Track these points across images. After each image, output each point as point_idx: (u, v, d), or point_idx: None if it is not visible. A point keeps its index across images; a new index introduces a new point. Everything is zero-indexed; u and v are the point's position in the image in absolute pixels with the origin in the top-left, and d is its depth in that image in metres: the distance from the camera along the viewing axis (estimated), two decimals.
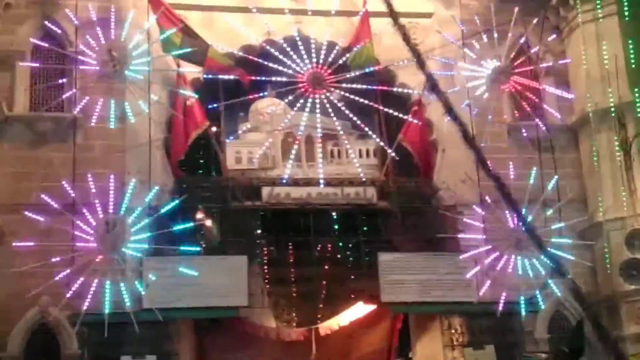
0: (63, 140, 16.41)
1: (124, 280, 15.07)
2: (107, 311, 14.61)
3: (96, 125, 16.30)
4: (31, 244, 14.75)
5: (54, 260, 14.69)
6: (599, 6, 17.84)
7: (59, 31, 16.86)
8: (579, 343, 13.10)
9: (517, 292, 16.24)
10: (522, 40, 18.12)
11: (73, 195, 15.21)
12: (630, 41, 17.61)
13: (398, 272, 16.65)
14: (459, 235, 16.89)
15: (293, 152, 17.26)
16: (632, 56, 17.46)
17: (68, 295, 14.66)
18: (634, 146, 16.64)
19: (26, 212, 15.05)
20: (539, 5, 18.57)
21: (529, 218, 16.34)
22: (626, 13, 17.55)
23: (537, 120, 17.73)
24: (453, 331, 17.11)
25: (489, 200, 16.22)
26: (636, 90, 17.19)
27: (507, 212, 16.31)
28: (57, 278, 14.67)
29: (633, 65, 17.32)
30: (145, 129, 16.46)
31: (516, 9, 17.81)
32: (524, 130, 17.81)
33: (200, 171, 17.41)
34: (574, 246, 16.89)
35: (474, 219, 16.85)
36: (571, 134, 18.56)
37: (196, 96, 16.89)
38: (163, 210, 15.64)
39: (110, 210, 15.26)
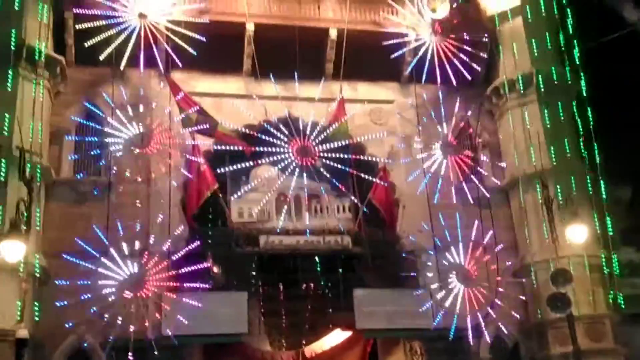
0: (99, 199, 15.54)
1: (147, 312, 14.40)
2: (132, 338, 13.74)
3: (126, 187, 15.65)
4: (70, 282, 14.00)
5: (89, 295, 13.98)
6: (523, 95, 17.67)
7: (98, 111, 16.26)
8: None
9: (465, 320, 15.69)
10: (464, 121, 17.70)
11: (106, 242, 14.46)
12: (548, 122, 17.38)
13: (369, 305, 15.98)
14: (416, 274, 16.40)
15: (285, 208, 16.79)
16: (551, 131, 17.26)
17: (101, 324, 13.95)
18: (554, 203, 16.00)
19: (67, 257, 14.32)
20: (476, 95, 18.30)
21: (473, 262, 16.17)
22: (544, 101, 17.50)
23: (477, 183, 17.17)
24: (414, 353, 16.75)
25: (440, 246, 16.02)
26: (554, 159, 16.92)
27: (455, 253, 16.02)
28: (91, 310, 13.95)
29: (551, 141, 17.12)
30: (166, 189, 15.74)
31: (458, 98, 17.55)
32: (467, 191, 17.10)
33: (210, 223, 16.55)
34: (508, 283, 16.48)
35: (428, 260, 16.37)
36: (504, 194, 18.04)
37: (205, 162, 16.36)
38: (179, 255, 15.05)
39: (136, 255, 14.54)
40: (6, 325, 12.81)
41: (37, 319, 13.75)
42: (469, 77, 17.85)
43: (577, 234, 15.30)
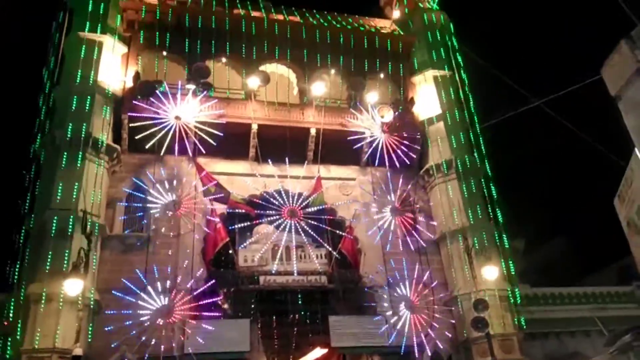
0: (141, 249, 14.95)
1: (173, 335, 13.80)
2: (162, 354, 13.22)
3: (161, 240, 15.17)
4: (116, 312, 13.55)
5: (130, 321, 13.43)
6: (446, 175, 17.87)
7: (143, 185, 15.93)
8: None
9: (411, 339, 15.21)
10: (406, 192, 17.73)
11: (145, 282, 13.99)
12: (465, 193, 17.51)
13: (341, 328, 15.26)
14: (375, 304, 15.89)
15: (278, 255, 16.24)
16: (467, 200, 17.34)
17: (138, 344, 13.28)
18: (472, 251, 15.91)
19: (115, 292, 13.76)
20: (413, 174, 18.34)
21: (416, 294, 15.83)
22: (461, 179, 17.68)
23: (417, 236, 17.06)
24: None
25: (392, 282, 15.89)
26: (471, 219, 16.93)
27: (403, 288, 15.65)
28: (131, 333, 13.37)
29: (467, 207, 17.19)
30: (190, 242, 15.34)
31: (401, 176, 17.70)
32: (410, 243, 16.95)
33: (222, 267, 15.79)
34: (442, 310, 16.10)
35: (383, 294, 15.99)
36: (436, 245, 17.61)
37: (220, 222, 15.91)
38: (198, 291, 14.54)
39: (167, 291, 14.03)
40: (66, 345, 12.12)
41: (89, 340, 13.02)
42: (408, 162, 18.02)
43: (490, 273, 15.15)
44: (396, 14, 22.02)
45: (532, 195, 22.99)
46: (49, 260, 12.70)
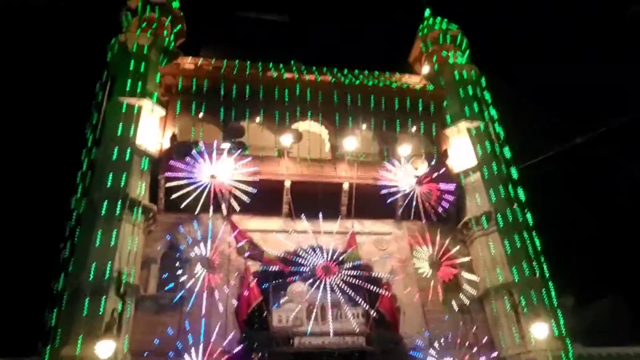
0: (174, 309, 14.73)
1: None
2: None
3: (195, 300, 14.82)
4: None
5: None
6: (485, 227, 17.20)
7: (177, 244, 15.92)
8: None
9: None
10: (445, 247, 16.99)
11: (177, 343, 13.70)
12: (508, 248, 16.71)
13: None
14: None
15: (313, 315, 15.59)
16: (511, 254, 16.54)
17: None
18: (519, 307, 14.91)
19: (147, 354, 13.45)
20: (451, 228, 17.76)
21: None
22: (503, 232, 16.96)
23: (461, 294, 16.20)
24: None
25: (437, 346, 14.88)
26: (516, 275, 16.04)
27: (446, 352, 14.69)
28: None
29: (511, 262, 16.37)
30: (224, 300, 15.04)
31: (439, 230, 17.05)
32: (453, 301, 16.08)
33: (256, 327, 15.33)
34: None
35: (426, 356, 14.99)
36: (479, 302, 16.69)
37: (254, 280, 15.56)
38: (232, 352, 14.02)
39: (199, 352, 13.57)
40: None
41: None
42: (445, 215, 17.57)
43: (540, 331, 14.17)
44: (426, 69, 22.23)
45: (580, 248, 21.74)
46: (82, 321, 12.57)
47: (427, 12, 23.81)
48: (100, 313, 12.74)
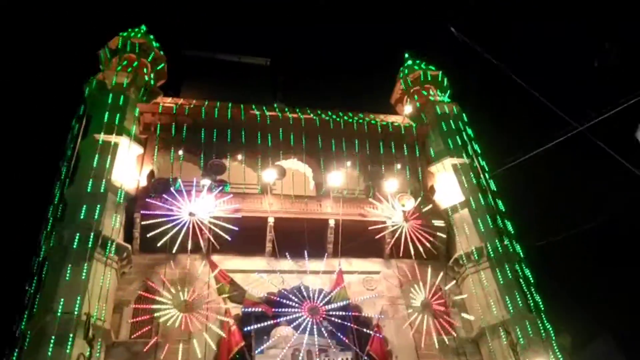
0: (148, 357, 13.62)
1: None
2: None
3: (170, 346, 13.83)
4: None
5: None
6: (478, 263, 16.79)
7: (152, 286, 14.93)
8: None
9: None
10: (435, 286, 16.39)
11: None
12: (501, 281, 16.27)
13: None
14: None
15: None
16: (504, 288, 16.06)
17: None
18: (517, 346, 14.26)
19: None
20: (441, 266, 17.19)
21: None
22: (495, 266, 16.58)
23: (454, 334, 15.49)
24: None
25: None
26: (511, 310, 15.51)
27: None
28: None
29: (506, 296, 15.86)
30: (202, 345, 13.93)
31: (429, 267, 16.44)
32: (446, 341, 15.31)
33: None
34: None
35: None
36: (475, 343, 15.94)
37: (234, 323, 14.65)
38: None
39: None
40: None
41: None
42: (435, 252, 17.20)
43: None
44: (408, 109, 22.34)
45: (575, 284, 21.35)
46: None
47: (407, 55, 24.44)
48: (66, 358, 11.63)
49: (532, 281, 16.08)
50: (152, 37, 21.09)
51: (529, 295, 15.81)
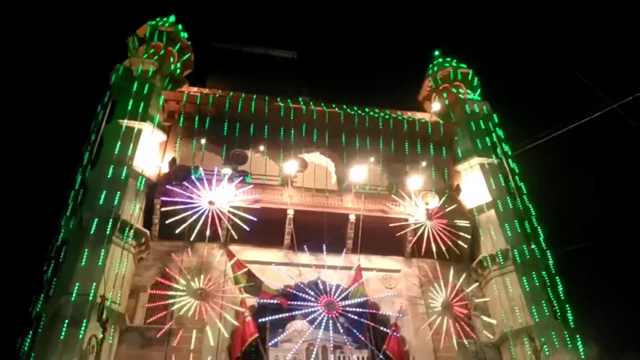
0: (162, 344, 13.49)
1: None
2: None
3: (184, 334, 13.71)
4: None
5: None
6: (503, 267, 16.21)
7: (169, 273, 14.86)
8: None
9: None
10: (457, 288, 15.90)
11: None
12: (527, 287, 15.64)
13: None
14: None
15: (312, 356, 14.37)
16: (530, 295, 15.47)
17: None
18: (540, 353, 13.65)
19: None
20: (465, 267, 16.70)
21: None
22: (520, 271, 15.99)
23: (474, 337, 14.96)
24: None
25: None
26: (536, 317, 14.90)
27: None
28: None
29: (531, 303, 15.25)
30: (216, 335, 13.78)
31: (451, 268, 16.10)
32: (466, 344, 14.82)
33: None
34: None
35: None
36: (496, 348, 15.37)
37: (250, 314, 14.46)
38: None
39: None
40: None
41: None
42: (459, 252, 16.71)
43: None
44: (436, 106, 22.00)
45: (605, 294, 20.47)
46: (58, 348, 11.49)
47: (437, 52, 23.95)
48: (79, 340, 11.65)
49: (560, 288, 15.40)
50: (180, 26, 21.21)
51: (555, 303, 15.13)
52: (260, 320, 14.53)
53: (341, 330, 14.55)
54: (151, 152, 16.84)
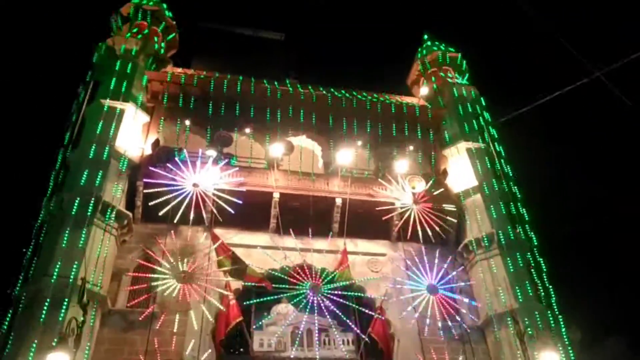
0: (144, 327, 13.34)
1: None
2: None
3: (167, 317, 13.61)
4: None
5: None
6: (488, 250, 16.28)
7: (152, 256, 14.73)
8: None
9: None
10: (443, 271, 16.02)
11: None
12: (511, 269, 15.73)
13: None
14: None
15: (297, 340, 14.37)
16: (514, 277, 15.56)
17: None
18: (524, 336, 13.73)
19: None
20: (450, 251, 16.78)
21: None
22: (505, 254, 16.06)
23: (459, 320, 15.05)
24: None
25: None
26: (520, 299, 15.01)
27: None
28: None
29: (515, 285, 15.35)
30: (199, 318, 13.69)
31: (437, 252, 16.18)
32: (451, 327, 14.91)
33: (235, 350, 14.06)
34: None
35: None
36: (481, 331, 15.45)
37: (234, 297, 14.32)
38: None
39: None
40: None
41: None
42: (444, 236, 16.78)
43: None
44: (424, 90, 21.88)
45: (589, 276, 20.71)
46: (37, 330, 11.28)
47: (426, 35, 23.77)
48: (59, 322, 11.45)
49: (544, 270, 15.52)
50: (165, 5, 20.73)
51: (540, 285, 15.26)
52: (244, 303, 14.39)
53: (326, 314, 14.49)
54: (134, 133, 16.50)
